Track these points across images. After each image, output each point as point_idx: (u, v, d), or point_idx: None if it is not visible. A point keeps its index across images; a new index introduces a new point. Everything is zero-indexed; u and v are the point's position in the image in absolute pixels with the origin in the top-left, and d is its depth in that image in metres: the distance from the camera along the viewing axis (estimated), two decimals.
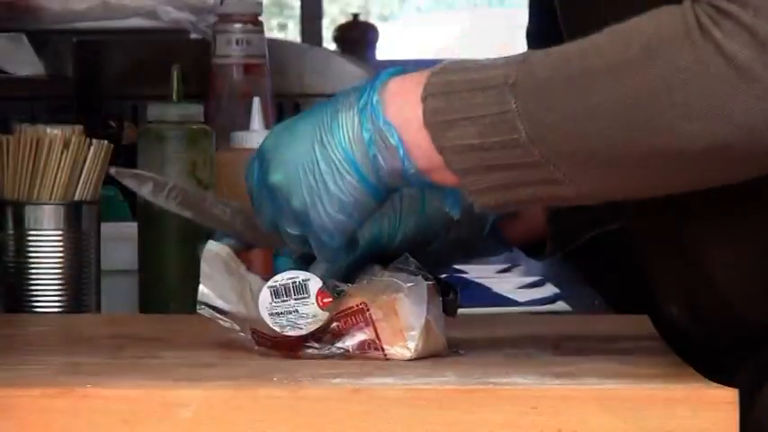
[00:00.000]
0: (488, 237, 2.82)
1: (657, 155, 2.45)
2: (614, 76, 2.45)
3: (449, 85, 2.46)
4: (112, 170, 2.60)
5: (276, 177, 2.51)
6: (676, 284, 2.69)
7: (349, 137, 2.50)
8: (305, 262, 2.59)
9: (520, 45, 6.47)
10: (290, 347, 2.35)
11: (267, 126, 3.00)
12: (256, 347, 2.39)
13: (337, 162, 2.50)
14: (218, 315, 2.42)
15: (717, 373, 2.56)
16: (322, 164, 2.50)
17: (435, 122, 2.42)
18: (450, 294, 2.54)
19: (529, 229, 2.87)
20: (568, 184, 2.42)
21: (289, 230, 2.52)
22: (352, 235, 2.54)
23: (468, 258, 2.90)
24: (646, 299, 2.78)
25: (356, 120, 2.50)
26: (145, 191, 2.62)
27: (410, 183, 2.50)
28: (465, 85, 2.45)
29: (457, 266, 3.18)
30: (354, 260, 2.58)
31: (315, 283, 2.37)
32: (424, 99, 2.43)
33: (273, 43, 4.08)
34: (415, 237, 2.66)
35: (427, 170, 2.45)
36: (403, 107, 2.46)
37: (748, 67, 2.37)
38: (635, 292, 3.01)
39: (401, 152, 2.44)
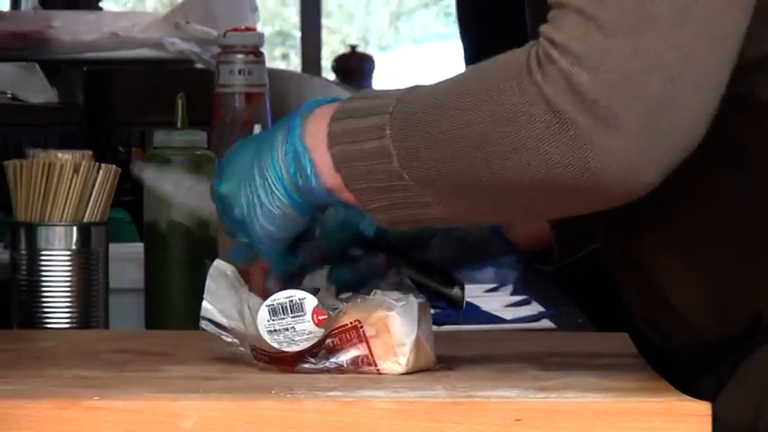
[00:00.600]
0: (494, 237, 2.85)
1: (495, 184, 2.49)
2: (459, 108, 2.49)
3: (352, 111, 2.52)
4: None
5: (222, 187, 2.59)
6: (639, 301, 2.74)
7: (278, 156, 2.56)
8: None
9: None
10: (287, 362, 2.35)
11: None
12: (255, 362, 2.39)
13: (269, 178, 2.57)
14: (220, 331, 2.43)
15: (691, 384, 2.61)
16: (258, 179, 2.57)
17: (335, 145, 2.50)
18: (456, 288, 2.56)
19: (534, 235, 2.90)
20: (436, 206, 2.47)
21: (236, 237, 2.59)
22: (286, 244, 2.59)
23: (479, 259, 2.90)
24: (625, 317, 2.80)
25: (283, 141, 2.57)
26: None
27: (326, 201, 2.56)
28: (362, 111, 2.52)
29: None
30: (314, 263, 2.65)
31: (311, 302, 2.37)
32: (330, 123, 2.49)
33: (274, 73, 4.09)
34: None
35: (335, 189, 2.51)
36: (318, 131, 2.52)
37: (564, 111, 2.39)
38: (616, 310, 3.02)
39: (309, 172, 2.52)
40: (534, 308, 3.01)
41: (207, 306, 2.44)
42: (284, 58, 14.58)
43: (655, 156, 2.46)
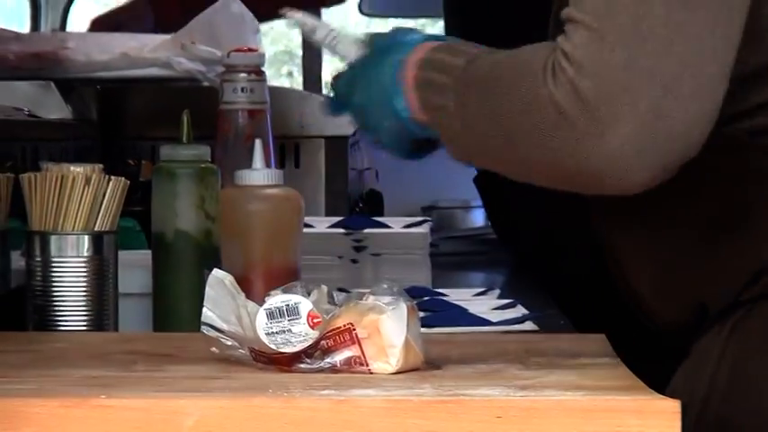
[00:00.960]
0: None
1: (512, 149, 2.69)
2: (495, 92, 2.67)
3: (435, 62, 2.77)
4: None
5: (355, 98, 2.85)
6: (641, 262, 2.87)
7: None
8: None
9: None
10: (284, 363, 2.36)
11: (267, 165, 2.99)
12: (254, 363, 2.39)
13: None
14: (220, 334, 2.43)
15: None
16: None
17: (417, 88, 2.75)
18: None
19: None
20: (465, 140, 2.76)
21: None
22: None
23: None
24: (605, 319, 2.80)
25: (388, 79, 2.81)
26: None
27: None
28: (441, 64, 2.75)
29: (438, 290, 3.19)
30: None
31: (306, 306, 2.38)
32: (417, 71, 2.76)
33: (277, 90, 4.07)
34: None
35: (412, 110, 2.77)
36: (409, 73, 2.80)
37: (569, 113, 2.54)
38: (597, 313, 3.01)
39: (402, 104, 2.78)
40: (519, 311, 3.02)
41: (207, 312, 2.44)
42: (289, 75, 14.58)
43: (647, 160, 2.55)
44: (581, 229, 2.84)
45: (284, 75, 14.62)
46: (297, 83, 5.38)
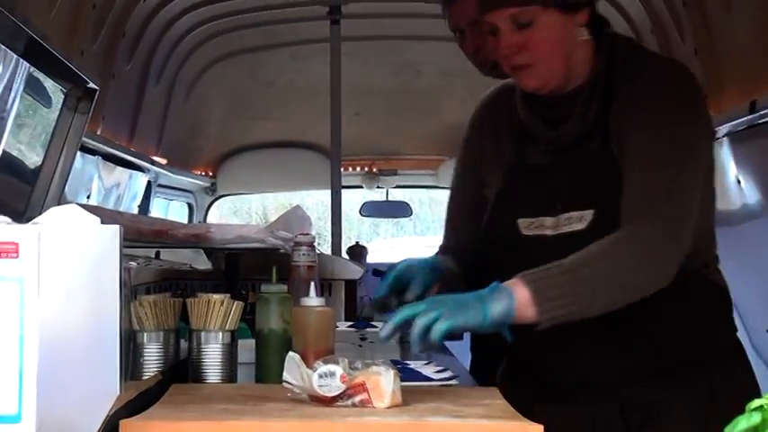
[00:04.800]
0: None
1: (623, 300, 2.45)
2: (609, 271, 2.45)
3: (545, 281, 2.40)
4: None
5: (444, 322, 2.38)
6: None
7: (491, 304, 2.38)
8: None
9: None
10: (327, 402, 2.33)
11: (316, 295, 2.95)
12: (312, 402, 2.36)
13: (479, 314, 2.39)
14: (292, 386, 2.41)
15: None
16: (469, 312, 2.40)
17: (534, 288, 2.39)
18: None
19: None
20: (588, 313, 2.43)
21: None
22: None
23: None
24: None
25: (496, 298, 2.39)
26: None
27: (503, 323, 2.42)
28: (544, 273, 2.41)
29: (405, 362, 3.14)
30: None
31: (338, 371, 2.34)
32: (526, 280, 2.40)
33: (321, 256, 4.09)
34: None
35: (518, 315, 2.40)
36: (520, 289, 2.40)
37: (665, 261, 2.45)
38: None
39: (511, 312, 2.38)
40: (449, 373, 2.95)
41: (285, 375, 2.41)
42: (321, 245, 14.67)
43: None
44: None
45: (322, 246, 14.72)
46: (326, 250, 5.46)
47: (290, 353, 2.50)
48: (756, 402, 1.57)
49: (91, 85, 3.57)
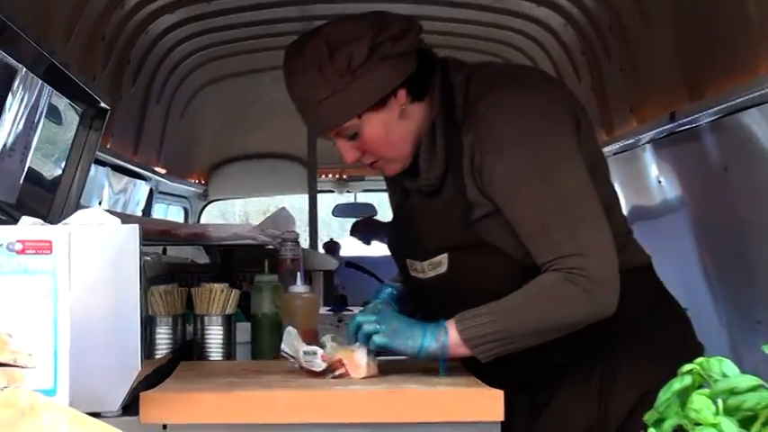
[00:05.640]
0: None
1: (555, 333, 2.33)
2: (537, 311, 2.31)
3: (471, 323, 2.28)
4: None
5: (380, 334, 2.29)
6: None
7: (429, 335, 2.27)
8: None
9: None
10: (317, 375, 2.32)
11: (302, 283, 2.92)
12: (305, 373, 2.34)
13: (417, 340, 2.28)
14: (288, 356, 2.39)
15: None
16: (410, 337, 2.29)
17: (464, 333, 2.27)
18: None
19: None
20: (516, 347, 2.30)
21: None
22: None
23: None
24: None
25: (432, 332, 2.28)
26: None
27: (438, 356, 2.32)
28: (477, 324, 2.28)
29: None
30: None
31: (319, 351, 2.34)
32: (460, 326, 2.27)
33: (302, 250, 4.07)
34: None
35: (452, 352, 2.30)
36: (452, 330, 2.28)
37: (588, 299, 2.27)
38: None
39: (445, 347, 2.27)
40: None
41: (283, 346, 2.40)
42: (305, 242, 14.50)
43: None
44: None
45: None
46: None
47: (289, 327, 2.48)
48: (687, 366, 1.56)
49: (102, 105, 3.58)
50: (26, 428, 1.19)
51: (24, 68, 2.81)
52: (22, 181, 3.10)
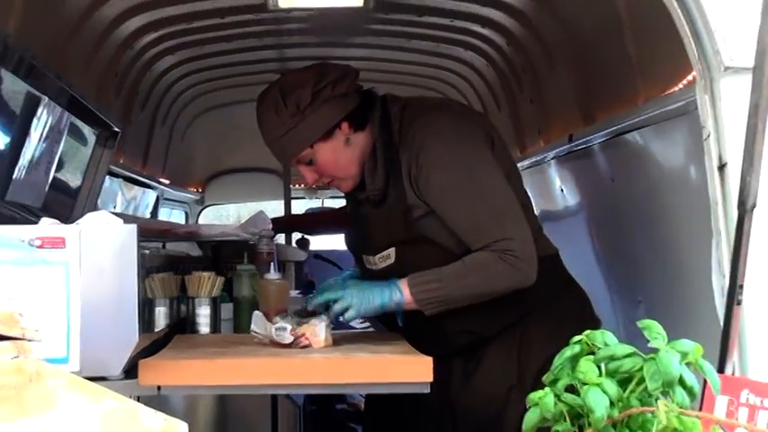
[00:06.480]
0: None
1: (486, 297, 2.35)
2: (473, 277, 2.33)
3: (421, 285, 2.33)
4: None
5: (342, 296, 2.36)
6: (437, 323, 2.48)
7: (385, 293, 2.34)
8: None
9: None
10: (284, 346, 2.31)
11: (275, 271, 2.87)
12: (272, 346, 2.34)
13: (376, 298, 2.34)
14: (257, 335, 2.38)
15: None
16: (370, 296, 2.35)
17: (416, 294, 2.33)
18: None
19: None
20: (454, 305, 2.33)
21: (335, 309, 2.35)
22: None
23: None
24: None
25: (386, 289, 2.35)
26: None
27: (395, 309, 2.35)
28: (426, 284, 2.33)
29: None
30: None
31: (288, 327, 2.32)
32: (412, 287, 2.32)
33: (278, 244, 4.01)
34: None
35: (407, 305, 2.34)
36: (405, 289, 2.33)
37: (514, 272, 2.30)
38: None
39: (400, 301, 2.34)
40: (367, 324, 2.91)
41: (252, 327, 2.39)
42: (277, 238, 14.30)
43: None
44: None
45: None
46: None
47: (256, 312, 2.49)
48: (577, 338, 1.56)
49: (115, 128, 3.55)
50: (33, 391, 1.17)
51: (47, 98, 2.76)
52: (47, 189, 3.05)
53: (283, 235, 5.87)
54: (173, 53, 4.30)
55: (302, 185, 6.84)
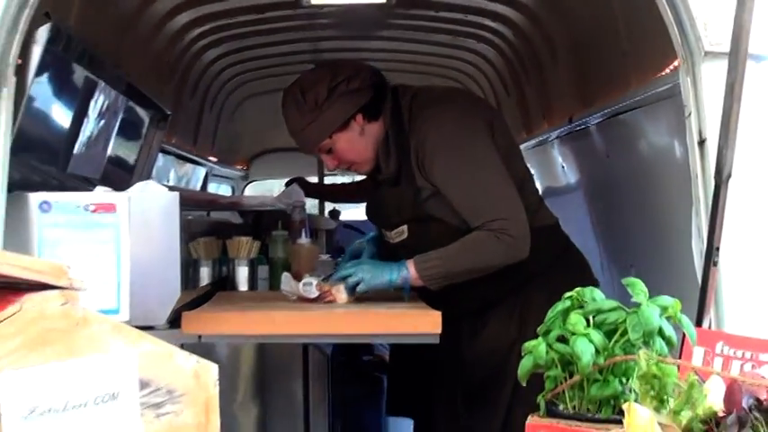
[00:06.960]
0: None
1: (484, 272, 2.32)
2: (470, 256, 2.31)
3: (425, 264, 2.30)
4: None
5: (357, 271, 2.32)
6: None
7: (393, 271, 2.31)
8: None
9: None
10: (310, 301, 2.32)
11: (307, 237, 2.87)
12: (299, 301, 2.34)
13: (385, 276, 2.31)
14: (287, 292, 2.38)
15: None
16: (378, 273, 2.32)
17: (421, 272, 2.30)
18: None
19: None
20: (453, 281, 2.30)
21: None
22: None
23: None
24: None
25: (396, 269, 2.32)
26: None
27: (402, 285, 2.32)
28: (431, 264, 2.29)
29: None
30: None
31: (314, 282, 2.33)
32: (417, 266, 2.30)
33: (313, 215, 4.01)
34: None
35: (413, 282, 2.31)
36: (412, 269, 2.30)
37: (508, 249, 2.27)
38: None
39: (407, 278, 2.31)
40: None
41: (282, 286, 2.40)
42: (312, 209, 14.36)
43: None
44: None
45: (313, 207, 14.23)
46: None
47: (285, 273, 2.49)
48: (567, 294, 1.58)
49: (166, 111, 3.56)
50: (79, 335, 1.16)
51: (104, 83, 2.76)
52: (105, 163, 3.05)
53: (317, 207, 5.88)
54: (217, 46, 4.29)
55: None
